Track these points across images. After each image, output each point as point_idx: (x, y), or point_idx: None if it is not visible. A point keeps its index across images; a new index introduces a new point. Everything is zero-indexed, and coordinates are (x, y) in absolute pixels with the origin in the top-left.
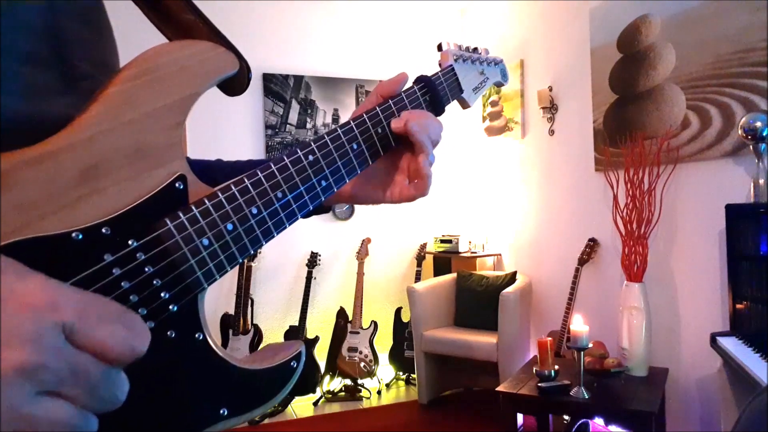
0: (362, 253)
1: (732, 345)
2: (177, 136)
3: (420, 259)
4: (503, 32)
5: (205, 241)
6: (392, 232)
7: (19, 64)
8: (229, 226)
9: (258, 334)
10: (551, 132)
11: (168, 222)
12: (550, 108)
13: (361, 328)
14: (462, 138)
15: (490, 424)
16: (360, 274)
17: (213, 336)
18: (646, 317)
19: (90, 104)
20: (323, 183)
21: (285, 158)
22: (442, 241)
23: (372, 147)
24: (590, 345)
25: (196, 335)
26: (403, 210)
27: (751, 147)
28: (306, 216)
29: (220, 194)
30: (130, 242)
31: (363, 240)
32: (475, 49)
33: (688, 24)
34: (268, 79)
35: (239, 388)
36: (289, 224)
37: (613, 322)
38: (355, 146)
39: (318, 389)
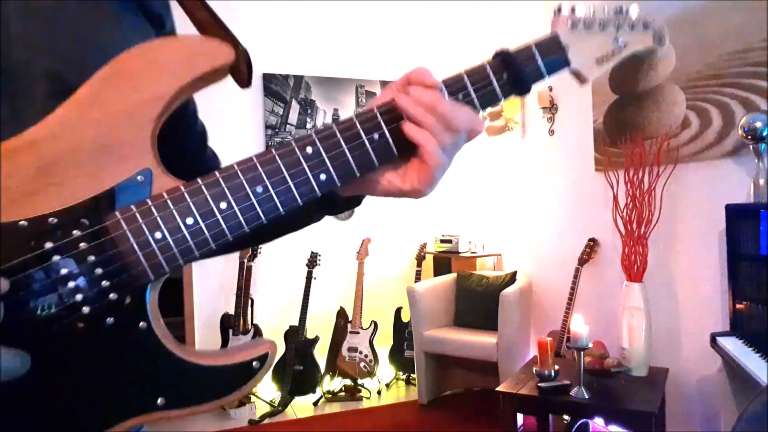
0: (362, 253)
1: (732, 345)
2: (148, 131)
3: (420, 259)
4: (503, 32)
5: (158, 235)
6: (392, 232)
7: None
8: (189, 221)
9: (258, 334)
10: (551, 132)
11: (117, 214)
12: (550, 108)
13: (361, 328)
14: None
15: (490, 424)
16: (360, 274)
17: (162, 325)
18: (646, 317)
19: (60, 105)
20: (322, 177)
21: (273, 150)
22: (442, 241)
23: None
24: (590, 345)
25: (140, 324)
26: (403, 210)
27: (751, 147)
28: (307, 215)
29: (182, 188)
30: (75, 232)
31: (363, 240)
32: (620, 8)
33: (688, 24)
34: (268, 79)
35: (182, 381)
36: (267, 219)
37: (613, 322)
38: (377, 136)
39: (318, 389)
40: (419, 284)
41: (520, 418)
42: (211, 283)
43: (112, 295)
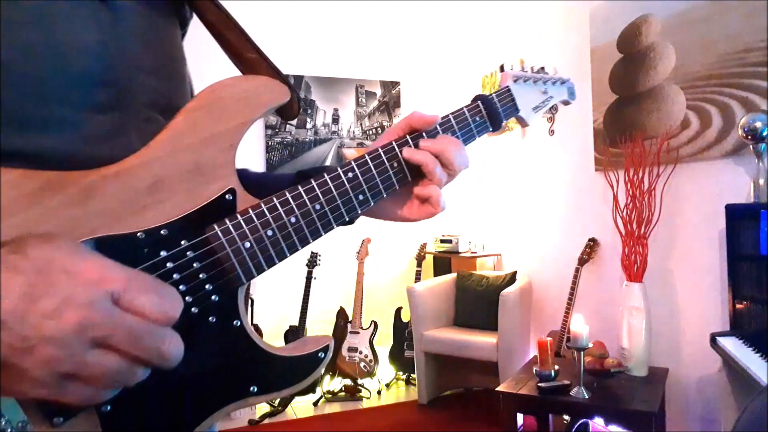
0: (362, 253)
1: (732, 345)
2: (231, 156)
3: (420, 259)
4: (503, 32)
5: (247, 244)
6: (392, 232)
7: (83, 112)
8: (269, 232)
9: (258, 334)
10: (551, 132)
11: (215, 227)
12: (551, 108)
13: (361, 328)
14: None
15: (490, 424)
16: (360, 274)
17: (248, 322)
18: (646, 317)
19: (161, 131)
20: (360, 197)
21: (325, 175)
22: (442, 241)
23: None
24: (590, 345)
25: (234, 322)
26: None
27: (751, 147)
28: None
29: (263, 205)
30: (182, 242)
31: (363, 240)
32: (542, 68)
33: (688, 24)
34: None
35: (269, 371)
36: (325, 232)
37: (613, 322)
38: (395, 164)
39: (318, 389)
40: (419, 284)
41: (520, 418)
42: None
43: (213, 297)
